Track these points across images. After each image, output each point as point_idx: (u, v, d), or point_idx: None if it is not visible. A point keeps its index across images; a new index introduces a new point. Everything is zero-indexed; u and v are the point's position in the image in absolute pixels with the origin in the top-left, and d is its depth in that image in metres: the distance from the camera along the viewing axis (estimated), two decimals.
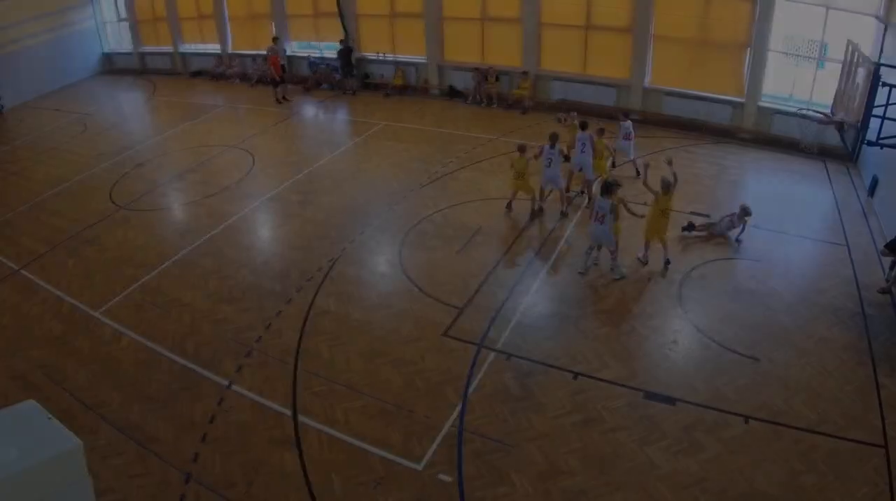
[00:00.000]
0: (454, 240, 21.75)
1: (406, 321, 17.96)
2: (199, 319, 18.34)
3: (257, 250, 21.73)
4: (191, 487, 13.19)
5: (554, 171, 22.85)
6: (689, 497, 12.84)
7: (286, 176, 27.22)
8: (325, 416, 14.78)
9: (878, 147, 15.71)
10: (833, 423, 14.34)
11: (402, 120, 33.93)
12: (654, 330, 17.56)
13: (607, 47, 33.11)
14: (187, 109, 37.15)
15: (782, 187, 25.69)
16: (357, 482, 13.19)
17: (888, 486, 12.91)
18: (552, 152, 22.58)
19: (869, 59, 17.12)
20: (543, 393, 15.36)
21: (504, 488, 13.03)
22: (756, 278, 19.50)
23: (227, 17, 42.42)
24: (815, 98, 28.62)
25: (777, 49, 29.64)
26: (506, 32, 35.21)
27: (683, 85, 31.66)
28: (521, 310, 18.27)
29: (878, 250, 20.09)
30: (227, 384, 15.85)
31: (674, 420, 14.60)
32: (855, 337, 17.09)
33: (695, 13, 30.33)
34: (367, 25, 38.78)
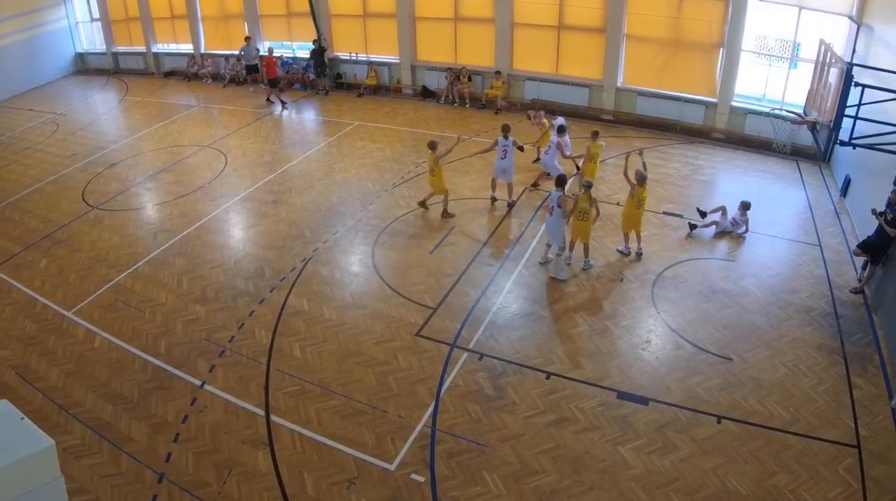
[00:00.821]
0: (427, 240, 21.80)
1: (379, 321, 17.96)
2: (171, 319, 18.26)
3: (230, 250, 21.62)
4: (164, 487, 13.14)
5: (507, 163, 23.21)
6: (662, 496, 12.92)
7: (259, 176, 27.18)
8: (297, 416, 14.75)
9: (850, 147, 15.84)
10: (806, 423, 14.47)
11: (375, 120, 33.99)
12: (627, 330, 17.64)
13: (580, 47, 33.26)
14: (160, 109, 36.98)
15: (755, 187, 25.82)
16: (330, 482, 13.17)
17: (861, 486, 13.04)
18: (506, 143, 22.95)
19: (841, 58, 17.26)
20: (516, 392, 15.41)
21: (477, 488, 13.06)
22: (729, 278, 19.63)
23: (199, 17, 42.28)
24: (787, 98, 28.86)
25: (750, 49, 29.82)
26: (479, 32, 35.31)
27: (656, 85, 31.91)
28: (494, 310, 18.32)
29: (851, 250, 20.29)
30: (199, 384, 15.80)
31: (647, 420, 14.69)
32: (828, 337, 17.24)
33: (667, 13, 30.49)
34: (339, 25, 38.77)
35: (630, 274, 19.82)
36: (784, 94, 29.21)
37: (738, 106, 30.31)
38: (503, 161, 23.26)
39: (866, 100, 16.00)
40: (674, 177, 26.42)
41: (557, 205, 19.25)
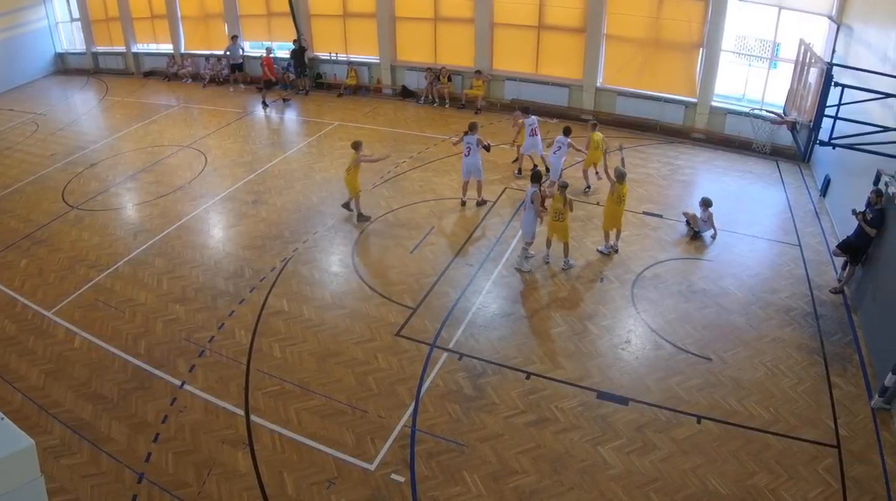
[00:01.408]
0: (407, 240, 21.79)
1: (359, 321, 17.95)
2: (151, 319, 18.20)
3: (210, 250, 21.54)
4: (144, 487, 13.12)
5: (472, 160, 23.30)
6: (641, 496, 12.97)
7: (239, 176, 27.10)
8: (277, 416, 14.74)
9: (830, 147, 15.90)
10: (786, 423, 14.54)
11: (355, 120, 33.96)
12: (607, 330, 17.69)
13: (560, 47, 33.33)
14: (140, 109, 36.81)
15: (735, 187, 25.96)
16: (310, 482, 13.17)
17: (841, 486, 13.12)
18: (471, 140, 23.09)
19: (821, 58, 17.33)
20: (496, 392, 15.44)
21: (457, 488, 13.08)
22: (709, 278, 19.69)
23: (179, 17, 42.11)
24: (767, 98, 29.00)
25: (729, 49, 29.92)
26: (459, 32, 35.32)
27: (636, 85, 32.02)
28: (474, 310, 18.35)
29: (831, 250, 20.37)
30: (179, 384, 15.76)
31: (627, 420, 14.73)
32: (808, 337, 17.33)
33: (647, 13, 30.59)
34: (319, 25, 38.73)
35: (610, 275, 19.87)
36: (764, 94, 29.34)
37: (718, 106, 30.44)
38: (468, 158, 23.40)
39: (846, 100, 16.06)
40: (654, 177, 26.50)
41: (531, 201, 19.41)
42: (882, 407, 14.92)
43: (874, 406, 14.98)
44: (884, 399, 14.86)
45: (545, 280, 19.55)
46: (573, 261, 20.30)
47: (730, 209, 23.32)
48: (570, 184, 20.23)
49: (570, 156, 24.89)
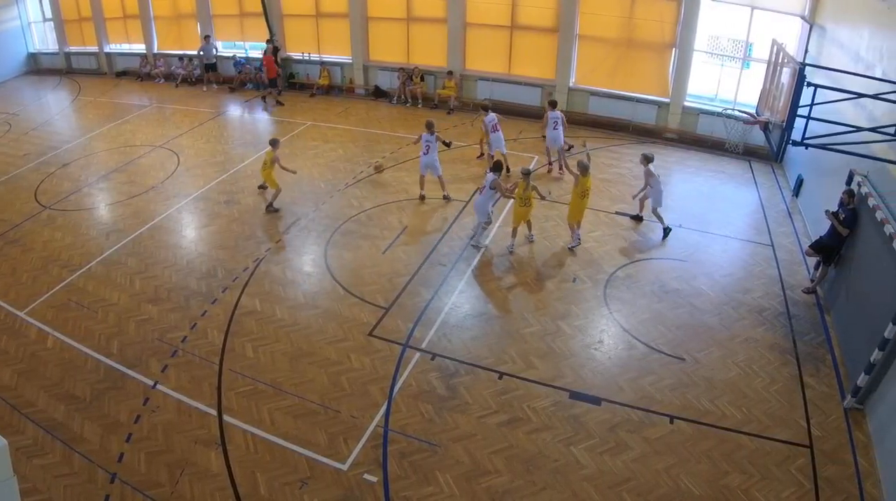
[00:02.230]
0: (380, 239, 21.77)
1: (331, 321, 17.91)
2: (124, 319, 18.06)
3: (183, 250, 21.41)
4: (116, 487, 13.01)
5: (430, 158, 23.59)
6: (614, 496, 12.99)
7: (211, 176, 26.96)
8: (250, 416, 14.67)
9: (803, 147, 15.91)
10: (758, 423, 14.61)
11: (328, 120, 33.95)
12: (579, 329, 17.72)
13: (533, 47, 33.51)
14: (113, 109, 36.59)
15: (707, 187, 26.11)
16: (283, 482, 13.11)
17: (813, 486, 13.20)
18: (430, 139, 23.39)
19: (794, 58, 17.37)
20: (469, 392, 15.43)
21: (429, 488, 13.06)
22: (682, 278, 19.77)
23: (152, 17, 41.89)
24: (740, 98, 29.22)
25: (702, 49, 30.10)
26: (431, 32, 35.43)
27: (609, 85, 32.22)
28: (447, 310, 18.34)
29: (804, 250, 20.47)
30: (152, 384, 15.64)
31: (599, 420, 14.76)
32: (780, 337, 17.43)
33: (620, 13, 30.76)
34: (292, 25, 38.71)
35: (583, 275, 19.90)
36: (736, 94, 29.56)
37: (691, 106, 30.68)
38: (426, 156, 23.69)
39: (819, 100, 16.15)
40: (626, 177, 26.58)
41: (490, 187, 20.18)
42: (855, 408, 15.00)
43: (847, 406, 15.06)
44: (856, 399, 14.94)
45: (518, 280, 19.56)
46: (534, 236, 21.38)
47: (702, 209, 23.44)
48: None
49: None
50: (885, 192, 16.35)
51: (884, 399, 14.21)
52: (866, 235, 16.77)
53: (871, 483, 13.29)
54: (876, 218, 15.60)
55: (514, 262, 20.50)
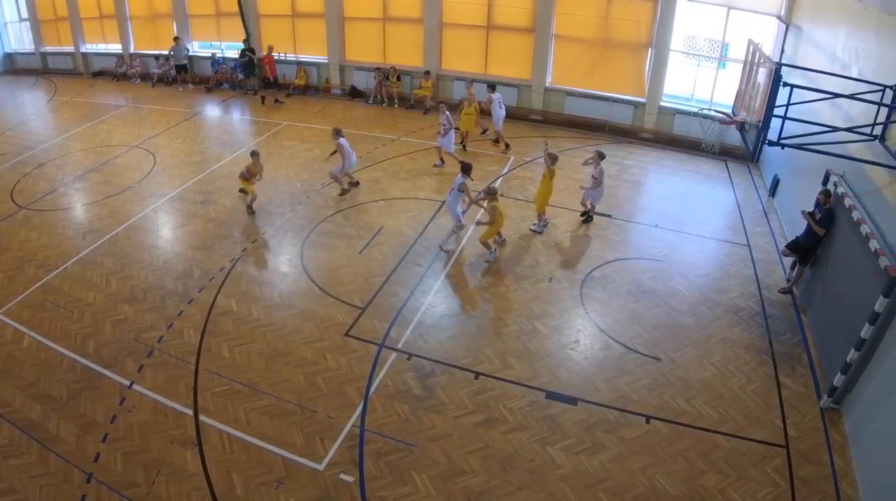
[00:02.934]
0: (356, 239, 21.75)
1: (308, 321, 17.87)
2: (100, 319, 17.93)
3: (159, 250, 21.27)
4: (92, 487, 12.93)
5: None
6: (590, 496, 13.02)
7: (188, 176, 26.82)
8: (226, 416, 14.60)
9: (779, 147, 15.94)
10: (735, 423, 14.68)
11: (304, 120, 33.92)
12: (556, 330, 17.76)
13: (509, 47, 33.65)
14: (89, 109, 36.35)
15: (683, 187, 26.23)
16: (259, 482, 13.07)
17: (789, 486, 13.27)
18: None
19: (770, 58, 17.39)
20: (445, 392, 15.44)
21: (406, 488, 13.05)
22: (658, 278, 19.84)
23: (128, 17, 41.69)
24: (716, 98, 29.41)
25: (678, 49, 30.23)
26: (407, 32, 35.50)
27: (585, 85, 32.43)
28: (423, 310, 18.35)
29: (780, 250, 20.56)
30: (128, 384, 15.53)
31: (576, 420, 14.79)
32: (756, 337, 17.52)
33: (596, 13, 30.94)
34: (268, 25, 38.63)
35: (558, 275, 19.94)
36: (712, 94, 29.78)
37: (667, 106, 30.90)
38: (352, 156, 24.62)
39: (795, 100, 16.21)
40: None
41: (458, 190, 20.63)
42: (831, 408, 15.08)
43: (823, 406, 15.14)
44: (833, 399, 15.01)
45: (494, 280, 19.57)
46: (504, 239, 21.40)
47: (678, 209, 23.53)
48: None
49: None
50: (861, 192, 16.44)
51: (860, 399, 14.29)
52: (842, 235, 16.84)
53: (847, 482, 13.37)
54: (852, 218, 15.68)
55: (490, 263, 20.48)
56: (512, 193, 25.22)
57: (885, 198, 15.08)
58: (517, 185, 25.83)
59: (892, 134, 15.31)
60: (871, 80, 16.27)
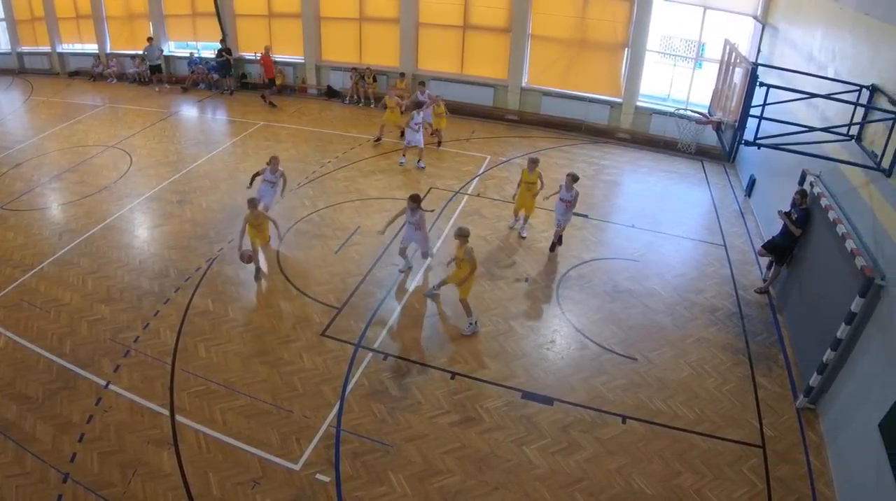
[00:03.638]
0: (332, 239, 21.77)
1: (284, 321, 17.86)
2: (76, 319, 17.82)
3: (135, 250, 21.15)
4: (69, 487, 12.85)
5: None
6: (566, 496, 13.06)
7: (164, 176, 26.68)
8: (202, 416, 14.55)
9: (755, 147, 16.01)
10: (711, 423, 14.76)
11: (280, 120, 33.91)
12: (532, 330, 17.82)
13: (485, 47, 33.74)
14: (65, 109, 36.09)
15: (660, 187, 26.36)
16: (235, 482, 13.03)
17: (766, 486, 13.36)
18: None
19: (746, 58, 17.45)
20: (421, 392, 15.47)
21: (382, 488, 13.06)
22: (634, 278, 19.93)
23: (104, 17, 41.46)
24: (692, 98, 29.59)
25: (655, 49, 30.36)
26: (383, 32, 35.55)
27: (561, 85, 32.58)
28: (399, 310, 18.39)
29: (756, 250, 20.67)
30: (104, 384, 15.44)
31: (552, 420, 14.84)
32: (733, 337, 17.63)
33: (572, 13, 31.08)
34: (244, 25, 38.56)
35: (534, 274, 19.97)
36: (689, 94, 29.94)
37: (643, 106, 31.12)
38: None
39: (771, 100, 16.27)
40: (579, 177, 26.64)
41: (416, 228, 19.37)
42: (807, 407, 15.18)
43: (799, 406, 15.24)
44: (809, 399, 15.10)
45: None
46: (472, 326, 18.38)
47: (655, 209, 23.63)
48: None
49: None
50: (837, 192, 16.53)
51: (836, 398, 14.38)
52: (819, 235, 16.95)
53: (823, 482, 13.48)
54: (828, 218, 15.77)
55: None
56: (488, 193, 25.31)
57: (861, 198, 15.17)
58: (493, 185, 25.86)
59: (868, 134, 15.40)
60: (848, 79, 16.39)
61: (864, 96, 15.61)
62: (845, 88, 16.09)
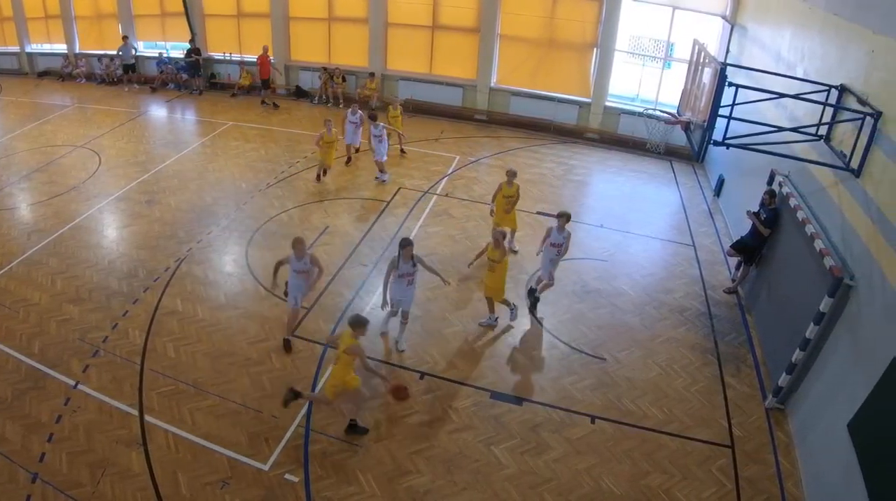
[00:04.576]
0: None
1: (253, 321, 17.84)
2: (45, 319, 17.68)
3: (104, 250, 21.01)
4: (37, 487, 12.77)
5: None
6: (535, 496, 13.12)
7: (133, 176, 26.51)
8: (171, 416, 14.48)
9: (724, 147, 16.06)
10: (680, 423, 14.86)
11: (249, 120, 33.83)
12: (501, 330, 17.87)
13: (454, 47, 33.87)
14: (34, 109, 35.77)
15: (629, 187, 26.52)
16: (204, 482, 12.99)
17: (735, 486, 13.47)
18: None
19: (715, 58, 17.53)
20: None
21: (351, 488, 13.07)
22: (603, 278, 20.03)
23: (73, 17, 41.15)
24: (661, 98, 29.75)
25: (624, 49, 30.50)
26: (353, 32, 35.58)
27: (530, 85, 32.74)
28: (368, 310, 18.34)
29: (725, 250, 20.78)
30: (73, 384, 15.34)
31: (520, 420, 14.90)
32: (702, 337, 17.77)
33: (541, 13, 31.25)
34: (213, 25, 38.43)
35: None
36: (658, 94, 30.12)
37: (612, 106, 31.33)
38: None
39: (740, 100, 16.32)
40: (548, 177, 26.95)
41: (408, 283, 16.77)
42: (776, 407, 15.30)
43: (768, 406, 15.36)
44: (778, 399, 15.20)
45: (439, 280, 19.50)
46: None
47: (624, 209, 23.74)
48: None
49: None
50: (806, 192, 16.65)
51: (805, 398, 14.48)
52: (788, 235, 17.08)
53: (792, 482, 13.61)
54: (797, 218, 15.89)
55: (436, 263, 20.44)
56: (457, 193, 25.36)
57: (830, 198, 15.28)
58: (462, 185, 25.88)
59: (836, 134, 15.49)
60: (816, 80, 16.50)
61: (833, 96, 15.70)
62: (814, 88, 16.19)
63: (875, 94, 13.76)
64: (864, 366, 12.15)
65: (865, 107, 13.78)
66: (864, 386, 11.80)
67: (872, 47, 14.12)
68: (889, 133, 12.89)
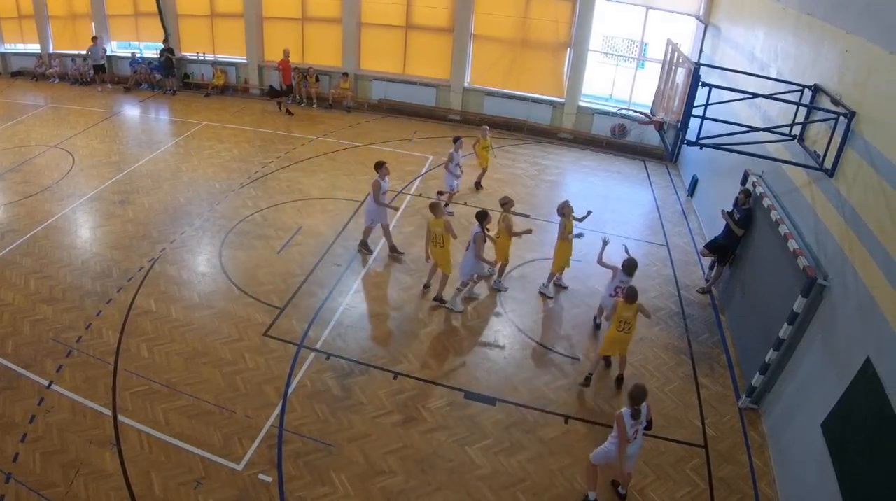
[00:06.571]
0: (274, 240, 21.70)
1: (226, 321, 17.75)
2: (19, 319, 17.54)
3: (78, 250, 20.85)
4: (11, 487, 12.67)
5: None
6: (509, 496, 13.14)
7: (106, 176, 26.33)
8: (145, 416, 14.40)
9: (697, 147, 16.10)
10: (653, 423, 14.72)
11: (223, 120, 33.72)
12: (474, 330, 17.91)
13: (428, 47, 33.94)
14: (7, 109, 35.45)
15: (602, 187, 26.66)
16: (177, 482, 12.91)
17: (708, 486, 13.55)
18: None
19: (689, 58, 17.57)
20: (364, 393, 15.47)
21: (324, 488, 13.04)
22: (577, 278, 20.09)
23: (47, 17, 40.88)
24: (635, 98, 29.90)
25: (597, 49, 30.63)
26: (326, 32, 35.57)
27: (504, 85, 32.89)
28: (342, 310, 18.35)
29: (698, 250, 20.85)
30: (47, 384, 15.22)
31: (494, 420, 14.93)
32: (675, 338, 17.90)
33: (515, 13, 31.35)
34: (187, 25, 38.28)
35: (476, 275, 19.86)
36: (631, 94, 30.25)
37: (586, 106, 31.51)
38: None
39: (714, 100, 16.39)
40: (521, 177, 27.07)
41: (473, 241, 17.77)
42: (750, 407, 15.38)
43: (742, 406, 15.46)
44: (751, 399, 15.29)
45: (413, 281, 19.56)
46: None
47: (597, 209, 23.61)
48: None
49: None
50: (779, 192, 16.75)
51: (779, 399, 14.58)
52: (761, 235, 17.17)
53: (765, 482, 13.70)
54: (771, 218, 15.97)
55: (409, 262, 20.68)
56: (430, 193, 25.32)
57: (803, 198, 15.37)
58: (436, 186, 25.85)
59: (810, 134, 15.58)
60: (790, 79, 16.58)
61: (807, 96, 15.78)
62: (788, 88, 16.26)
63: (848, 94, 13.84)
64: (837, 366, 12.23)
65: (839, 107, 13.86)
66: (837, 386, 11.88)
67: (846, 47, 14.21)
68: (862, 133, 12.97)
